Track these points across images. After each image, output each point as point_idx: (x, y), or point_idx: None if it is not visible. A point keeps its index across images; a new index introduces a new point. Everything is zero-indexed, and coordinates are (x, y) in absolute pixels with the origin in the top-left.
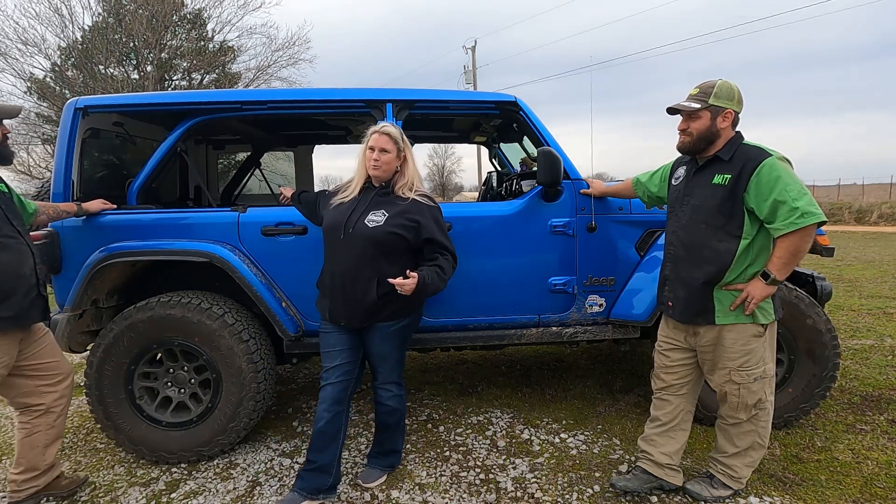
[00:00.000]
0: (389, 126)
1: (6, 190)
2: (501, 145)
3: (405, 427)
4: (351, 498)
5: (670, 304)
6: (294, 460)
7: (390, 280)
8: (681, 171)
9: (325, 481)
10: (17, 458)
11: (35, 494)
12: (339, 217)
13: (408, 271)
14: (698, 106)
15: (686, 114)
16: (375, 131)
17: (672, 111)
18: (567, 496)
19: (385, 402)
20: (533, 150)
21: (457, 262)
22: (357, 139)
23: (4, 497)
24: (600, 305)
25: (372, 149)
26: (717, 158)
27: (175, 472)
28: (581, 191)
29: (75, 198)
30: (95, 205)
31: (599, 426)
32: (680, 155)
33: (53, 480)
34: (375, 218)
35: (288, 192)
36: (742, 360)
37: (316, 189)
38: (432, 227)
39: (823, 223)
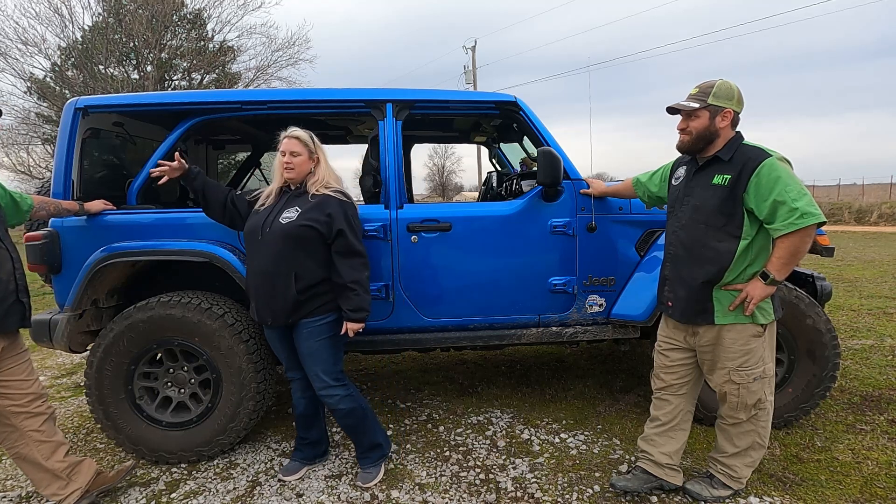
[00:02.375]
0: (298, 130)
1: None
2: (501, 145)
3: (374, 417)
4: (351, 498)
5: (670, 303)
6: None
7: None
8: (681, 171)
9: (319, 450)
10: (32, 481)
11: (85, 496)
12: (257, 220)
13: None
14: (697, 105)
15: (685, 113)
16: (285, 136)
17: (671, 110)
18: (567, 496)
19: (337, 407)
20: (533, 150)
21: (368, 266)
22: (357, 139)
23: (7, 499)
24: (600, 305)
25: (283, 153)
26: (716, 159)
27: (175, 472)
28: (581, 191)
29: (75, 198)
30: (97, 205)
31: (599, 426)
32: (680, 155)
33: (97, 478)
34: (289, 215)
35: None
36: (741, 360)
37: None
38: (342, 220)
39: (823, 224)
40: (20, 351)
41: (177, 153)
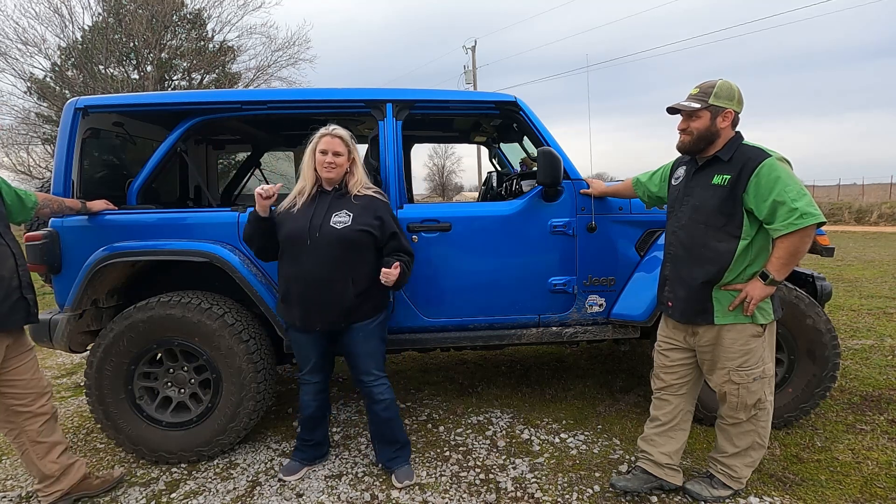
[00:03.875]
0: (339, 129)
1: None
2: (501, 145)
3: None
4: (351, 498)
5: (670, 303)
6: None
7: (383, 272)
8: (680, 171)
9: (321, 451)
10: (28, 471)
11: (63, 497)
12: (299, 224)
13: (389, 261)
14: (698, 106)
15: (686, 113)
16: (326, 134)
17: (672, 111)
18: (567, 496)
19: (381, 398)
20: (533, 150)
21: (413, 258)
22: (357, 139)
23: (7, 499)
24: (600, 305)
25: (324, 152)
26: (716, 159)
27: (175, 472)
28: (581, 191)
29: (76, 198)
30: (99, 205)
31: (599, 426)
32: (680, 155)
33: (82, 482)
34: (341, 219)
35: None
36: (741, 360)
37: None
38: (392, 223)
39: (823, 224)
40: (26, 349)
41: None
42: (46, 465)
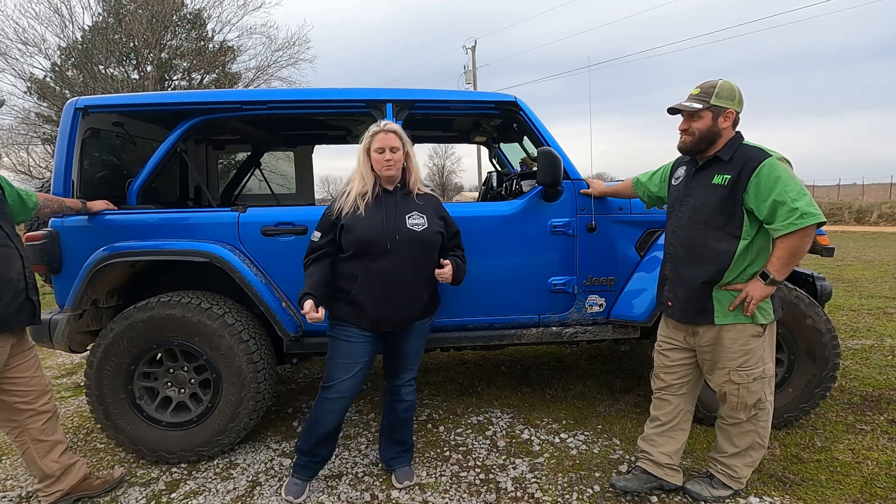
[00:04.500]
0: (392, 123)
1: None
2: (501, 145)
3: None
4: (351, 498)
5: (670, 303)
6: (294, 460)
7: (437, 272)
8: (681, 171)
9: (323, 466)
10: (29, 470)
11: (63, 498)
12: (375, 227)
13: (441, 261)
14: (700, 106)
15: (687, 114)
16: (380, 131)
17: (673, 111)
18: (567, 496)
19: (408, 398)
20: (533, 150)
21: None
22: (357, 139)
23: (7, 499)
24: (600, 305)
25: (380, 150)
26: (717, 159)
27: (175, 472)
28: (581, 191)
29: (76, 198)
30: (99, 205)
31: (599, 426)
32: (680, 155)
33: (82, 482)
34: (418, 220)
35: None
36: (741, 360)
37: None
38: (451, 221)
39: (823, 224)
40: (28, 347)
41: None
42: (47, 465)
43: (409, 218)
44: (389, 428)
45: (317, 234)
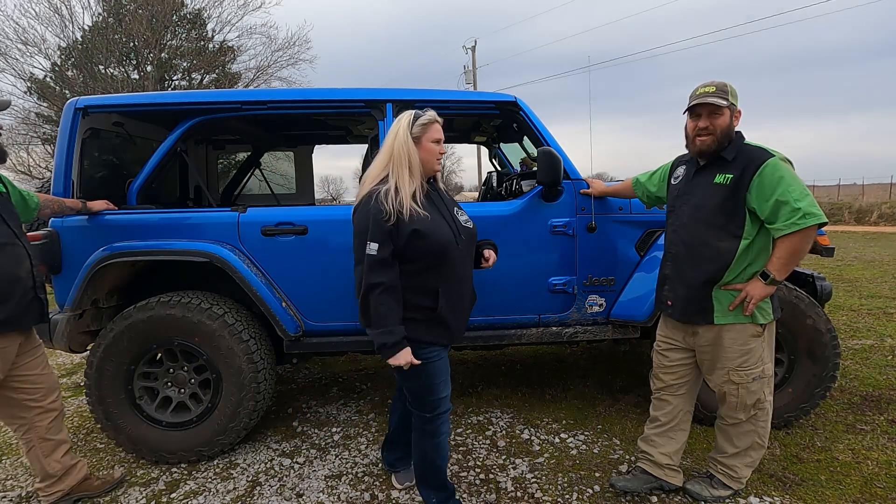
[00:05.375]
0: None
1: (4, 190)
2: (501, 145)
3: None
4: (351, 498)
5: (669, 303)
6: (294, 460)
7: (487, 261)
8: (680, 171)
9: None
10: (31, 468)
11: (64, 498)
12: (444, 228)
13: (485, 252)
14: (725, 103)
15: (709, 111)
16: (432, 120)
17: (702, 106)
18: (567, 496)
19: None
20: (533, 150)
21: None
22: (357, 139)
23: (7, 499)
24: (600, 305)
25: (438, 141)
26: (719, 158)
27: (175, 472)
28: (581, 191)
29: (76, 198)
30: (99, 205)
31: (599, 426)
32: (680, 154)
33: (82, 482)
34: (464, 216)
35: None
36: (741, 360)
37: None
38: None
39: (825, 224)
40: (36, 345)
41: None
42: (50, 464)
43: (457, 214)
44: (400, 431)
45: (373, 246)
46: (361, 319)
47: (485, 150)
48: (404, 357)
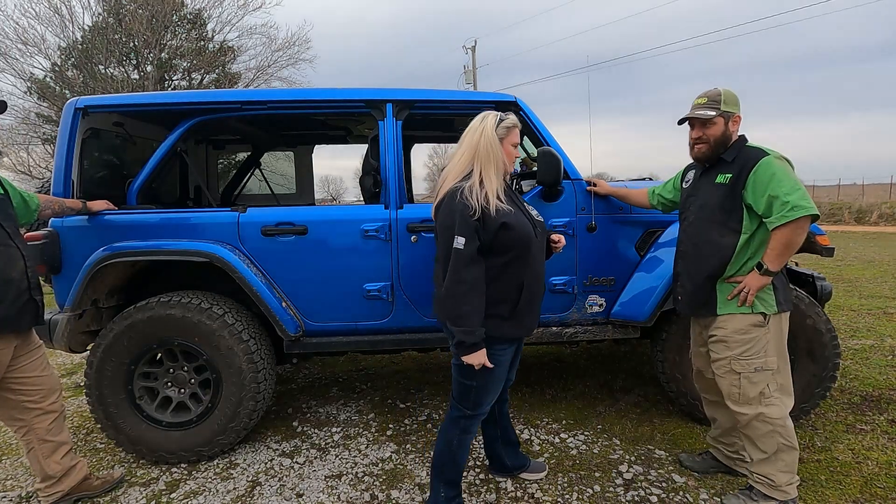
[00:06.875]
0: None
1: (2, 192)
2: None
3: None
4: (351, 498)
5: (679, 297)
6: (294, 460)
7: (558, 240)
8: (690, 175)
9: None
10: (31, 469)
11: (64, 498)
12: (526, 221)
13: (553, 236)
14: (713, 113)
15: (700, 123)
16: (516, 125)
17: (687, 121)
18: (567, 496)
19: (506, 395)
20: (533, 150)
21: None
22: (357, 139)
23: (7, 499)
24: (600, 305)
25: (516, 144)
26: (722, 160)
27: (175, 472)
28: (587, 188)
29: (76, 198)
30: (100, 205)
31: (599, 426)
32: (690, 162)
33: (82, 483)
34: (534, 210)
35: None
36: (742, 349)
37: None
38: None
39: (816, 217)
40: (35, 347)
41: None
42: (50, 465)
43: (529, 209)
44: (504, 433)
45: (461, 240)
46: (439, 312)
47: None
48: (478, 358)
